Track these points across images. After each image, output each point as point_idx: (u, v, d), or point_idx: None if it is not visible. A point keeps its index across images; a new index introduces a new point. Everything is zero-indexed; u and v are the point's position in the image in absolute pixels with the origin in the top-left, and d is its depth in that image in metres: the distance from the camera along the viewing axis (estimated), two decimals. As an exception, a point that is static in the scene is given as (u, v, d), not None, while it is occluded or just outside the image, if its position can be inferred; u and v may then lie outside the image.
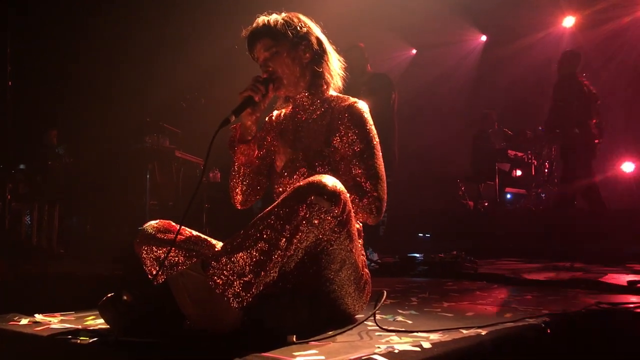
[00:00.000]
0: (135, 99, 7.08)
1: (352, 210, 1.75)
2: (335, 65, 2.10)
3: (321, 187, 1.60)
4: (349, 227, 1.72)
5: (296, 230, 1.57)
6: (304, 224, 1.58)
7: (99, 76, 7.32)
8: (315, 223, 1.59)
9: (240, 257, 1.55)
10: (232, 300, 1.54)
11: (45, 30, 7.09)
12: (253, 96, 1.91)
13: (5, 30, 5.19)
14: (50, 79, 7.35)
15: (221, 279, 1.54)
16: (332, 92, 2.11)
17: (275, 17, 2.02)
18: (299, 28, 2.03)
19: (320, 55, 2.06)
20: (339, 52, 2.16)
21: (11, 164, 6.20)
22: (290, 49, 2.00)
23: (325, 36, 2.12)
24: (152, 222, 1.93)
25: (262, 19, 2.02)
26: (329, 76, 2.07)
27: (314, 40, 2.05)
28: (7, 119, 5.12)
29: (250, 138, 2.01)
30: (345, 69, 2.16)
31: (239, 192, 2.09)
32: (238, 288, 1.54)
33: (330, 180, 1.63)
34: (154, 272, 1.88)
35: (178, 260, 1.87)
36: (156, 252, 1.88)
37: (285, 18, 2.03)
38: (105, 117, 7.12)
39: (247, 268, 1.54)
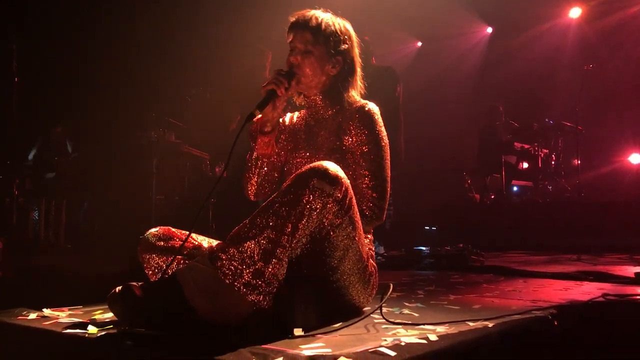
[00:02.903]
0: (141, 94, 7.09)
1: (355, 199, 1.76)
2: (356, 87, 2.12)
3: (322, 171, 1.62)
4: (351, 213, 1.73)
5: (301, 216, 1.58)
6: (307, 208, 1.59)
7: (105, 72, 7.32)
8: (318, 207, 1.61)
9: (248, 246, 1.56)
10: (243, 289, 1.54)
11: (50, 26, 7.09)
12: (276, 89, 1.93)
13: (11, 27, 5.20)
14: (55, 75, 7.36)
15: (230, 269, 1.55)
16: None
17: (327, 19, 2.04)
18: (341, 42, 2.04)
19: (346, 75, 2.07)
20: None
21: (18, 160, 6.23)
22: (322, 56, 2.02)
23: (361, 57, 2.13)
24: (153, 230, 1.93)
25: (315, 13, 2.04)
26: (346, 94, 2.07)
27: (347, 60, 2.07)
28: (14, 115, 5.14)
29: (270, 129, 2.03)
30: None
31: (254, 182, 2.11)
32: (248, 277, 1.54)
33: (331, 165, 1.65)
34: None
35: (179, 267, 1.86)
36: (157, 260, 1.88)
37: (336, 26, 2.04)
38: (111, 113, 7.12)
39: (256, 257, 1.55)
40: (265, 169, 2.10)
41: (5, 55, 5.13)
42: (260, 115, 1.98)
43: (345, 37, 2.06)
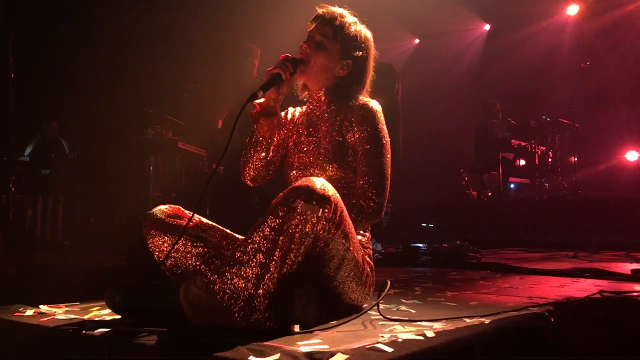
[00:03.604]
0: (138, 90, 7.08)
1: (346, 211, 1.75)
2: (361, 93, 2.11)
3: (309, 192, 1.59)
4: (344, 227, 1.71)
5: (291, 239, 1.57)
6: (297, 231, 1.57)
7: (102, 68, 7.31)
8: (307, 230, 1.59)
9: (243, 270, 1.56)
10: (238, 312, 1.55)
11: (48, 23, 7.07)
12: (281, 74, 1.92)
13: (7, 22, 5.18)
14: (52, 71, 7.35)
15: (227, 293, 1.55)
16: None
17: (351, 22, 2.05)
18: (357, 48, 2.05)
19: (352, 81, 2.07)
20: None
21: (14, 156, 6.21)
22: (334, 55, 2.02)
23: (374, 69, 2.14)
24: (162, 207, 1.93)
25: (342, 12, 2.05)
26: (348, 97, 2.06)
27: (358, 67, 2.07)
28: (9, 111, 5.12)
29: (273, 112, 2.02)
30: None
31: (252, 166, 2.08)
32: (243, 301, 1.55)
33: (318, 183, 1.62)
34: (160, 258, 1.88)
35: (186, 248, 1.86)
36: (163, 237, 1.87)
37: (358, 31, 2.05)
38: (108, 109, 7.12)
39: (250, 283, 1.55)
40: (264, 153, 2.07)
41: (1, 51, 5.11)
42: (262, 100, 1.99)
43: (363, 45, 2.07)
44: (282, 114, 2.20)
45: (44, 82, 7.28)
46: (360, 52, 2.06)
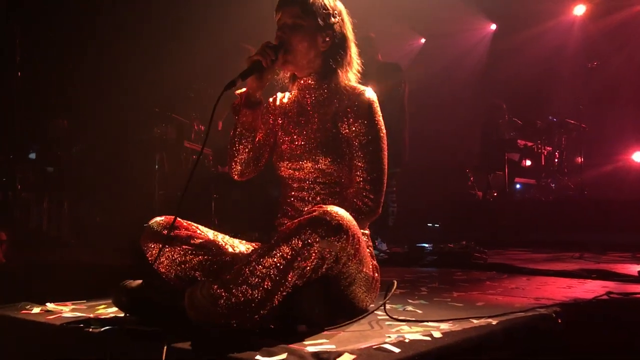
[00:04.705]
0: (144, 89, 7.09)
1: (361, 236, 1.73)
2: (352, 66, 2.05)
3: (327, 226, 1.55)
4: (358, 254, 1.69)
5: (303, 272, 1.56)
6: (311, 267, 1.57)
7: (107, 67, 7.32)
8: (321, 264, 1.58)
9: (249, 293, 1.53)
10: (237, 325, 1.54)
11: (54, 21, 7.09)
12: (261, 61, 1.87)
13: (14, 20, 5.20)
14: (58, 70, 7.36)
15: (230, 307, 1.53)
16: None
17: None
18: (331, 15, 1.98)
19: (337, 50, 2.00)
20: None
21: (20, 153, 6.23)
22: (312, 30, 1.94)
23: (354, 34, 2.08)
24: (158, 219, 1.89)
25: None
26: (340, 73, 2.01)
27: (338, 35, 2.00)
28: (16, 109, 5.14)
29: (255, 102, 1.96)
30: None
31: (238, 161, 2.03)
32: (244, 315, 1.54)
33: (336, 215, 1.58)
34: (161, 270, 1.84)
35: (185, 257, 1.81)
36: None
37: (325, 0, 1.97)
38: (113, 108, 7.12)
39: (254, 304, 1.53)
40: (250, 146, 2.01)
41: (9, 49, 5.14)
42: (243, 90, 1.95)
43: (335, 12, 1.99)
44: (270, 100, 2.15)
45: (50, 80, 7.29)
46: (336, 19, 1.99)
